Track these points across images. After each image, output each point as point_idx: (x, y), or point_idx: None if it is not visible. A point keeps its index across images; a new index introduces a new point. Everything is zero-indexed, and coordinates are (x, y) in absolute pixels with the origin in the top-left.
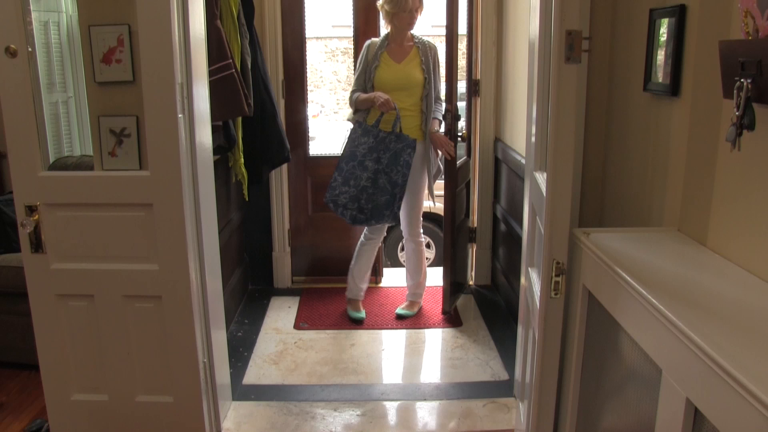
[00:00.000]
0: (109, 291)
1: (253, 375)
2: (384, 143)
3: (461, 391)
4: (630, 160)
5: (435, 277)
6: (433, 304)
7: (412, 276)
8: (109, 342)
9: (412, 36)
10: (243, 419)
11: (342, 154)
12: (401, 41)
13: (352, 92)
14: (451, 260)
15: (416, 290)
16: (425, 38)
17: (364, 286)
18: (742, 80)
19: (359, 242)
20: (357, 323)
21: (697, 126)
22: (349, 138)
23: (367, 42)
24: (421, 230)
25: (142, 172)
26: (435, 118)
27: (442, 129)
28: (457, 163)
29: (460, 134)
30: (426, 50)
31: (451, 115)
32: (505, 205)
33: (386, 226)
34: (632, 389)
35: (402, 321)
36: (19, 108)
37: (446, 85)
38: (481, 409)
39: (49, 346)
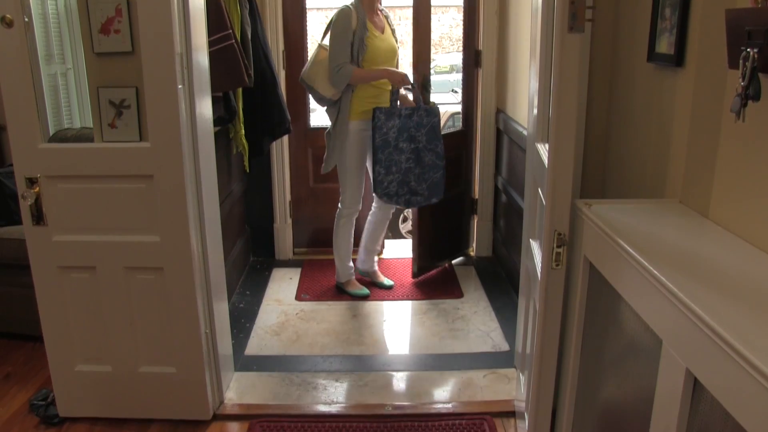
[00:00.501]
0: (111, 263)
1: (255, 346)
2: (413, 120)
3: (462, 361)
4: (633, 132)
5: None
6: (432, 276)
7: (377, 241)
8: (111, 313)
9: (380, 4)
10: (245, 389)
11: (373, 146)
12: (376, 10)
13: (342, 65)
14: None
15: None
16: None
17: (352, 264)
18: (748, 50)
19: (338, 220)
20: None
21: (701, 97)
22: (374, 128)
23: (341, 10)
24: None
25: (142, 143)
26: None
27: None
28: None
29: (427, 105)
30: (389, 20)
31: (420, 85)
32: (507, 177)
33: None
34: (632, 360)
35: (403, 291)
36: (17, 79)
37: (415, 55)
38: (482, 379)
39: (53, 317)
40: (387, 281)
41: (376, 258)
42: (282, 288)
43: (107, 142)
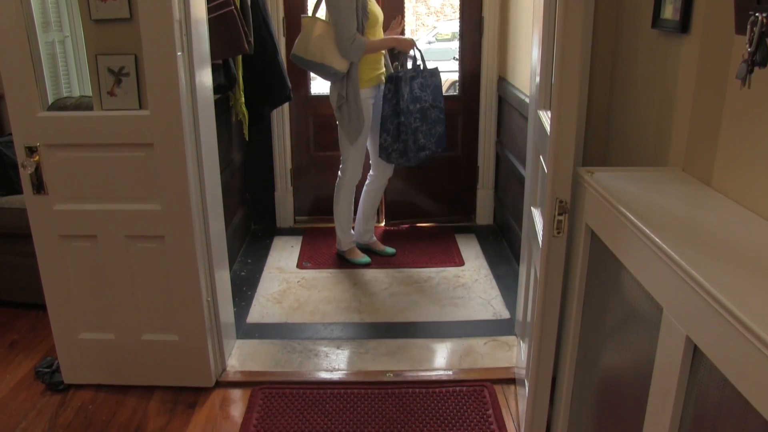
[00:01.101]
0: (112, 231)
1: (256, 314)
2: (417, 82)
3: (463, 329)
4: (636, 99)
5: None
6: (433, 244)
7: (373, 215)
8: (113, 282)
9: None
10: (247, 357)
11: (382, 115)
12: None
13: (354, 36)
14: None
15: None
16: None
17: (353, 232)
18: (757, 15)
19: (338, 189)
20: (366, 266)
21: (707, 63)
22: (384, 99)
23: None
24: None
25: (141, 111)
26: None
27: None
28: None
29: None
30: None
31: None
32: (508, 145)
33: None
34: (632, 328)
35: (404, 259)
36: (14, 47)
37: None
38: (483, 347)
39: (55, 286)
40: (388, 249)
41: (373, 228)
42: (283, 256)
43: (107, 111)
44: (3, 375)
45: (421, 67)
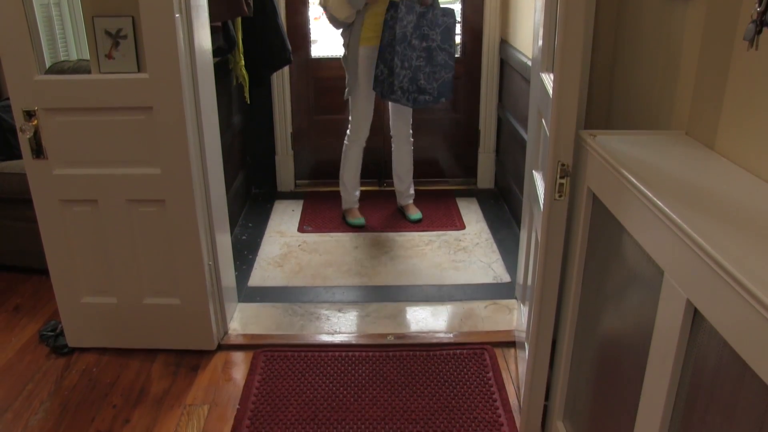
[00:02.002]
0: (113, 196)
1: (258, 277)
2: (427, 18)
3: (463, 292)
4: (640, 61)
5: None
6: (434, 208)
7: (403, 178)
8: (114, 246)
9: None
10: (249, 320)
11: (381, 44)
12: None
13: None
14: None
15: (411, 189)
16: None
17: (357, 193)
18: None
19: (345, 146)
20: (359, 228)
21: (713, 24)
22: (385, 25)
23: None
24: None
25: (140, 74)
26: None
27: None
28: None
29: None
30: None
31: None
32: (510, 108)
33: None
34: (633, 291)
35: (405, 222)
36: (9, 9)
37: None
38: (483, 310)
39: (57, 251)
40: (413, 216)
41: (411, 191)
42: (284, 220)
43: (105, 74)
44: (8, 338)
45: (434, 4)
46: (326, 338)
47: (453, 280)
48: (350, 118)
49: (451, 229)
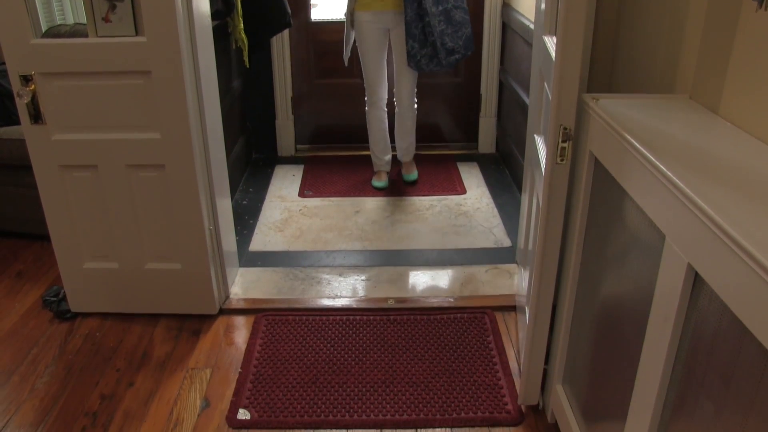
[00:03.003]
0: (112, 161)
1: (259, 242)
2: None
3: (464, 257)
4: (644, 23)
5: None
6: (435, 172)
7: (406, 137)
8: (115, 211)
9: None
10: (250, 284)
11: (406, 20)
12: None
13: None
14: None
15: (411, 148)
16: None
17: (387, 157)
18: None
19: (366, 112)
20: (379, 190)
21: None
22: (405, 3)
23: None
24: None
25: (138, 38)
26: None
27: None
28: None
29: None
30: None
31: None
32: (512, 72)
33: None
34: (634, 256)
35: (406, 187)
36: None
37: None
38: (484, 274)
39: (58, 216)
40: (408, 176)
41: (411, 149)
42: (285, 185)
43: (102, 37)
44: (12, 304)
45: None
46: (327, 302)
47: (454, 244)
48: (364, 82)
49: (452, 194)
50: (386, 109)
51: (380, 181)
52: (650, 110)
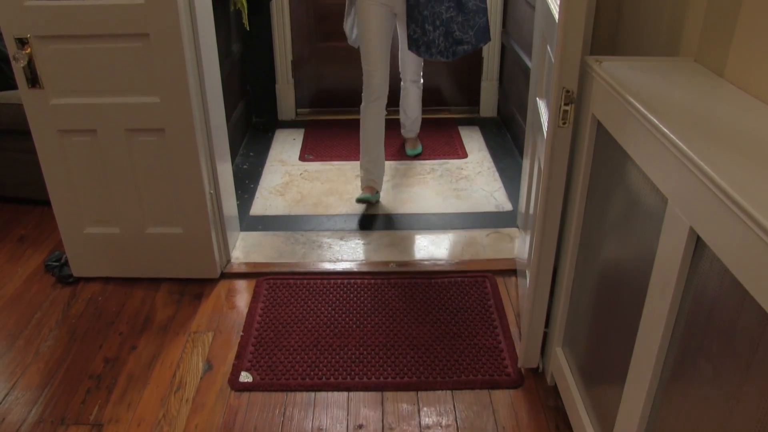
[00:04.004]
0: (112, 125)
1: (259, 206)
2: None
3: (465, 221)
4: None
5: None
6: (437, 136)
7: (409, 114)
8: (115, 176)
9: None
10: (251, 248)
11: (408, 3)
12: None
13: None
14: None
15: (416, 125)
16: None
17: (379, 169)
18: None
19: (361, 107)
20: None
21: None
22: None
23: None
24: None
25: (135, 0)
26: None
27: None
28: None
29: None
30: None
31: None
32: (514, 35)
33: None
34: (636, 220)
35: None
36: None
37: None
38: (485, 238)
39: (58, 181)
40: (411, 150)
41: (415, 127)
42: (285, 149)
43: (98, 0)
44: (15, 268)
45: None
46: (328, 266)
47: (455, 208)
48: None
49: (453, 158)
50: (386, 111)
51: (367, 194)
52: (654, 73)
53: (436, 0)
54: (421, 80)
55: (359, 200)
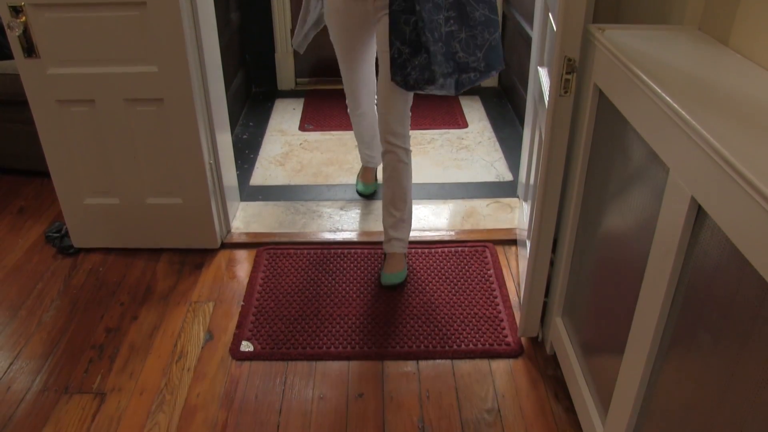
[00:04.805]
0: (110, 95)
1: (259, 176)
2: None
3: (465, 190)
4: None
5: None
6: (437, 106)
7: (391, 204)
8: (114, 147)
9: None
10: (251, 218)
11: (392, 9)
12: None
13: None
14: None
15: (402, 230)
16: None
17: (376, 153)
18: None
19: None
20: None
21: None
22: None
23: None
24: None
25: None
26: None
27: None
28: None
29: None
30: None
31: None
32: (516, 3)
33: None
34: (636, 189)
35: None
36: None
37: None
38: (485, 208)
39: (57, 152)
40: (390, 279)
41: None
42: (285, 119)
43: None
44: (15, 240)
45: None
46: (328, 236)
47: (455, 178)
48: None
49: (454, 128)
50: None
51: (365, 183)
52: (658, 41)
53: (432, 5)
54: (410, 148)
55: (359, 192)
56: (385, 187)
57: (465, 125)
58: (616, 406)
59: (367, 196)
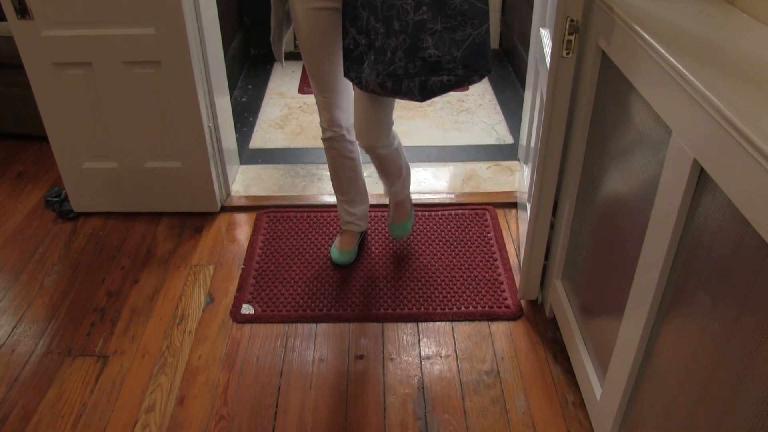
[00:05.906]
0: (107, 58)
1: (259, 139)
2: None
3: (466, 153)
4: None
5: None
6: None
7: (387, 178)
8: (112, 110)
9: None
10: (251, 182)
11: None
12: None
13: None
14: None
15: (401, 190)
16: None
17: (356, 210)
18: None
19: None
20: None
21: None
22: None
23: None
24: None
25: None
26: None
27: None
28: None
29: None
30: None
31: None
32: None
33: None
34: (638, 152)
35: None
36: None
37: None
38: (485, 171)
39: (54, 116)
40: (398, 229)
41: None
42: (284, 81)
43: None
44: (15, 204)
45: None
46: (328, 199)
47: (455, 141)
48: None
49: (454, 90)
50: (354, 139)
51: (342, 251)
52: (662, 2)
53: None
54: (395, 140)
55: (334, 260)
56: (378, 173)
57: (465, 88)
58: (615, 367)
59: (343, 265)
